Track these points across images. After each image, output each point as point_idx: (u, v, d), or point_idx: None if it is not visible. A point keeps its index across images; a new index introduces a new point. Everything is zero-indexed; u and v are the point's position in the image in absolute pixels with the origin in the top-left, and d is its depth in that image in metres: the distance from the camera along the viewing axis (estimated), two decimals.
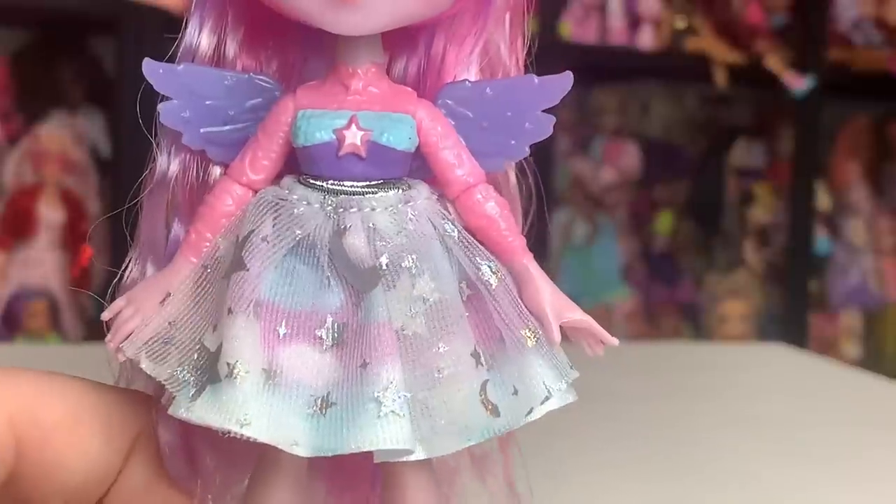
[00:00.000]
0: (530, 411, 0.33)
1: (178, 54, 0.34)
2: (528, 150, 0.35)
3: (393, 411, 0.30)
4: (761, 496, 0.61)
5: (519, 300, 0.34)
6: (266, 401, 0.31)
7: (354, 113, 0.32)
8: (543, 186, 0.37)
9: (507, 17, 0.35)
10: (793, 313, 1.98)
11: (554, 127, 0.35)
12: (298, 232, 0.32)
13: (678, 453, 0.69)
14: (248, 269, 0.31)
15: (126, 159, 1.39)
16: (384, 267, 0.32)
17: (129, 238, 0.36)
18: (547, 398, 0.33)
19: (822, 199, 2.05)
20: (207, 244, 0.33)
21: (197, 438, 0.35)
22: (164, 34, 0.35)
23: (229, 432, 0.30)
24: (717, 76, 1.84)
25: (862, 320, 2.10)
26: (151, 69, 0.34)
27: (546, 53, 0.37)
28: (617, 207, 1.98)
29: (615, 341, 0.35)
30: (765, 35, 1.93)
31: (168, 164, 0.35)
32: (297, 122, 0.33)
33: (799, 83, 1.87)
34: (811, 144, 1.96)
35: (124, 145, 1.41)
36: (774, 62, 1.88)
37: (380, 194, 0.33)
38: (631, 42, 1.83)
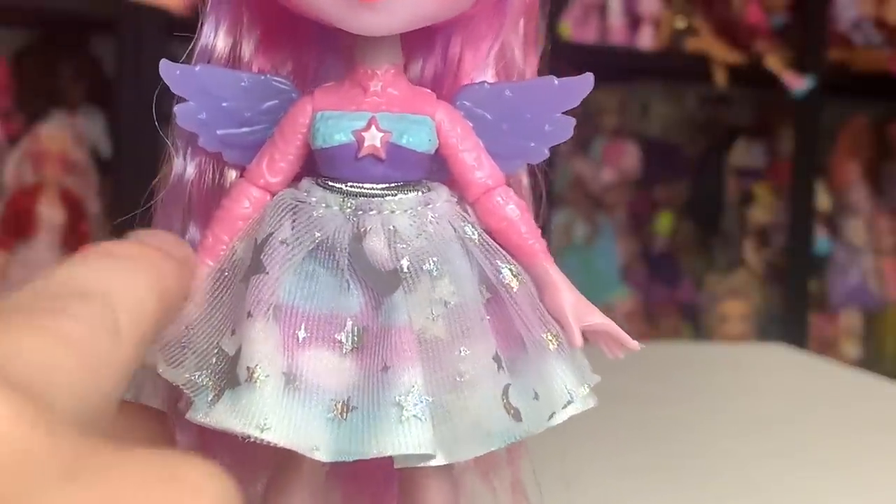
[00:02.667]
0: (552, 416, 0.33)
1: (195, 55, 0.34)
2: (547, 152, 0.35)
3: (415, 415, 0.30)
4: (761, 496, 0.61)
5: (540, 304, 0.33)
6: (286, 405, 0.30)
7: (373, 114, 0.32)
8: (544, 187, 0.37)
9: (522, 20, 0.35)
10: (793, 313, 1.98)
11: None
12: (318, 234, 0.32)
13: (677, 453, 0.69)
14: (267, 273, 0.31)
15: (126, 159, 1.39)
16: (405, 270, 0.31)
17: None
18: (569, 402, 0.33)
19: (822, 199, 2.05)
20: (224, 247, 0.33)
21: (214, 442, 0.34)
22: (165, 34, 0.35)
23: (249, 437, 0.30)
24: (717, 76, 1.84)
25: (862, 320, 2.10)
26: (168, 70, 0.33)
27: (546, 53, 0.37)
28: (617, 207, 1.98)
29: (636, 345, 0.34)
30: (765, 35, 1.93)
31: (184, 166, 0.34)
32: (316, 123, 0.32)
33: (799, 83, 1.87)
34: (811, 144, 1.96)
35: (124, 145, 1.41)
36: (774, 62, 1.88)
37: (399, 196, 0.32)
38: (631, 42, 1.83)
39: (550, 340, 0.33)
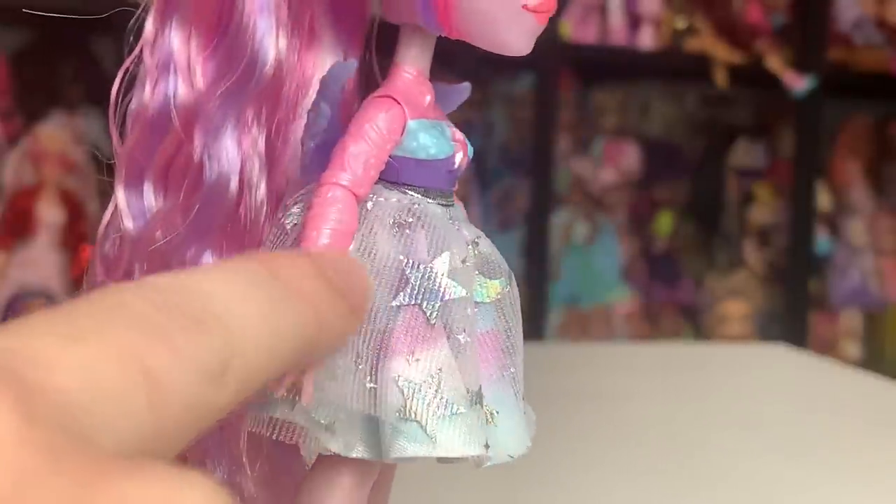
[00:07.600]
0: None
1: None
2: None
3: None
4: (761, 496, 0.61)
5: None
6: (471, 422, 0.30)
7: (451, 125, 0.32)
8: (544, 187, 0.37)
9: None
10: (793, 313, 1.98)
11: (554, 127, 0.34)
12: (455, 250, 0.31)
13: (677, 453, 0.69)
14: (466, 295, 0.30)
15: None
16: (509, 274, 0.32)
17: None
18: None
19: (823, 199, 2.05)
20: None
21: (243, 473, 0.33)
22: None
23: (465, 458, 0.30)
24: (717, 76, 1.84)
25: (862, 320, 2.10)
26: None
27: (546, 53, 0.37)
28: (617, 207, 1.98)
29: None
30: (765, 35, 1.93)
31: (228, 177, 0.33)
32: (415, 133, 0.31)
33: (799, 83, 1.87)
34: (811, 144, 1.96)
35: None
36: (774, 62, 1.88)
37: (455, 205, 0.32)
38: (631, 42, 1.83)
39: None
